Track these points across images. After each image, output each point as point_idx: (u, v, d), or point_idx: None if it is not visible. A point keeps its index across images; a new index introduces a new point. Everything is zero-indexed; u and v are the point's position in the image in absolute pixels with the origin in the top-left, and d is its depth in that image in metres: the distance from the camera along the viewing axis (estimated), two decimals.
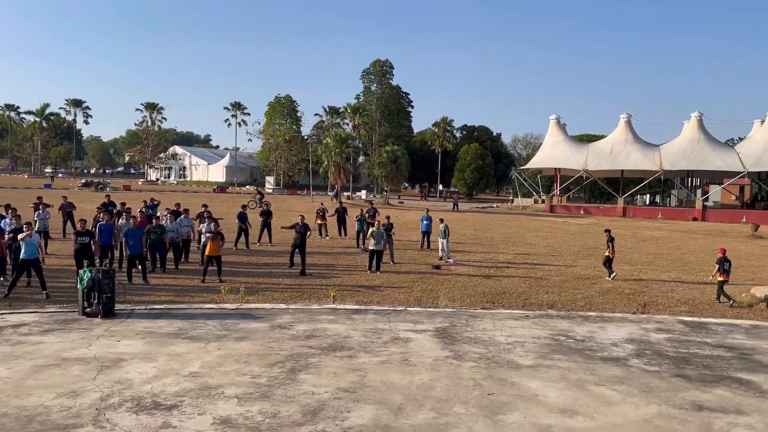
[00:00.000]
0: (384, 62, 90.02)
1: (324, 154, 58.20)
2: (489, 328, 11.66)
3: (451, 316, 12.64)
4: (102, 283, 11.00)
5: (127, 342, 9.78)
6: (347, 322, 11.69)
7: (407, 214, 44.10)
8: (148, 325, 10.83)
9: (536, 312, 13.42)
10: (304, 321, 11.61)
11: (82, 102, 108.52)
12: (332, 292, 13.00)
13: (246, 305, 12.70)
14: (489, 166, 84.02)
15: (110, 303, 11.11)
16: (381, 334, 10.87)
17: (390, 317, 12.26)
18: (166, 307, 12.30)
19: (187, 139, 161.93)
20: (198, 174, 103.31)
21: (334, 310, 12.69)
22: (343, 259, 20.67)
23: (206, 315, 11.83)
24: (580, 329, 11.89)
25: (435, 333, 11.11)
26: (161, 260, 16.82)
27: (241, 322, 11.29)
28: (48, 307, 12.05)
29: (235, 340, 10.13)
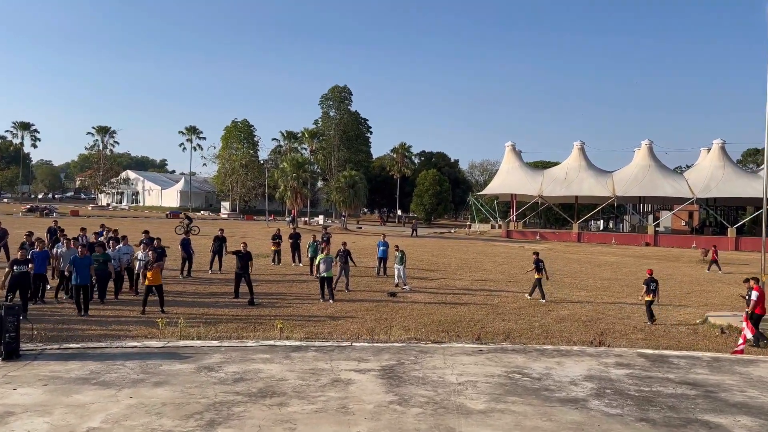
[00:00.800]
0: (342, 88, 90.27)
1: (280, 178, 57.40)
2: (440, 365, 10.63)
3: (400, 351, 11.52)
4: (5, 320, 9.58)
5: (24, 390, 8.33)
6: (284, 361, 10.44)
7: (365, 239, 43.59)
8: (56, 369, 9.41)
9: (490, 346, 12.41)
10: (236, 361, 10.33)
11: (30, 125, 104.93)
12: (279, 324, 12.27)
13: (174, 343, 11.40)
14: (447, 192, 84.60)
15: (14, 343, 9.71)
16: (320, 375, 9.69)
17: (333, 355, 11.06)
18: (83, 347, 10.86)
19: (142, 164, 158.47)
20: (151, 199, 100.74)
21: (272, 347, 11.41)
22: (295, 287, 19.95)
23: (126, 355, 10.41)
24: (536, 365, 10.97)
25: (380, 373, 9.97)
26: (100, 290, 15.79)
27: (164, 363, 9.99)
28: None
29: (151, 386, 8.77)
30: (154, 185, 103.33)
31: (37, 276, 14.88)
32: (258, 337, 12.03)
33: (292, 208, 58.83)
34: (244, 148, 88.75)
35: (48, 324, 12.82)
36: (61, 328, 12.58)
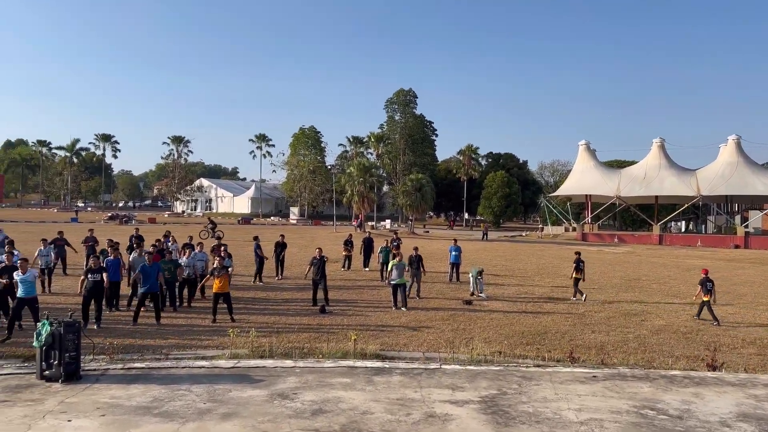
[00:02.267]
0: (407, 91, 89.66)
1: (348, 183, 57.32)
2: (550, 396, 8.99)
3: (499, 377, 9.96)
4: (64, 339, 8.77)
5: (80, 423, 7.33)
6: (367, 387, 9.17)
7: (433, 243, 42.63)
8: (117, 395, 8.46)
9: (605, 371, 10.62)
10: (313, 386, 9.14)
11: (111, 137, 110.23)
12: (353, 336, 11.56)
13: (245, 362, 10.40)
14: (516, 194, 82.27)
15: (74, 364, 8.91)
16: (411, 407, 8.29)
17: (421, 380, 9.66)
18: (148, 366, 9.96)
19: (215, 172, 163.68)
20: (224, 206, 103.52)
21: (352, 369, 10.18)
22: (366, 294, 19.30)
23: (193, 378, 9.37)
24: (669, 398, 9.08)
25: (481, 406, 8.46)
26: (171, 298, 15.67)
27: (234, 387, 8.93)
28: (6, 366, 9.92)
29: (219, 419, 7.63)
30: (227, 192, 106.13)
31: (111, 284, 14.88)
32: (331, 349, 11.35)
33: (359, 213, 58.65)
34: (311, 154, 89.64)
35: (120, 334, 12.68)
36: (134, 336, 12.40)
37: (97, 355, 10.26)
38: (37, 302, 12.06)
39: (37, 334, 8.82)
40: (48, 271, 17.59)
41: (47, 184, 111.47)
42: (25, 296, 11.81)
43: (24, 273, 11.84)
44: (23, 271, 11.86)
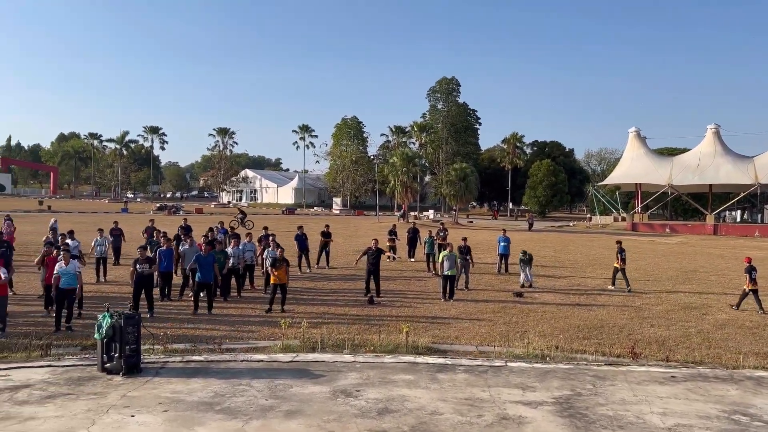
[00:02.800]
0: (450, 80, 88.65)
1: (391, 173, 57.05)
2: (629, 398, 8.40)
3: (570, 376, 9.46)
4: (125, 331, 8.73)
5: (143, 419, 7.20)
6: (432, 385, 8.76)
7: (478, 234, 42.07)
8: (178, 389, 8.32)
9: (683, 371, 9.97)
10: (375, 383, 8.81)
11: (158, 129, 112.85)
12: (405, 328, 11.35)
13: (303, 356, 10.20)
14: (563, 183, 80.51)
15: (135, 357, 8.90)
16: (481, 408, 7.85)
17: (488, 378, 9.22)
18: (206, 359, 9.85)
19: (258, 163, 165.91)
20: (268, 196, 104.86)
21: (413, 365, 9.81)
22: (413, 285, 19.09)
23: (252, 372, 9.22)
24: (760, 402, 8.39)
25: (556, 407, 7.97)
26: (222, 288, 15.79)
27: (294, 383, 8.70)
28: (66, 358, 9.83)
29: (283, 417, 7.39)
30: (271, 183, 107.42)
31: (163, 274, 15.09)
32: (383, 341, 11.17)
33: (402, 203, 58.40)
34: (353, 145, 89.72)
35: (174, 323, 12.82)
36: (187, 326, 12.52)
37: (152, 345, 10.31)
38: (74, 294, 12.24)
39: (98, 326, 8.83)
40: (103, 261, 17.98)
41: (98, 175, 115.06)
42: (64, 287, 11.99)
43: (66, 265, 12.04)
44: (65, 263, 12.06)
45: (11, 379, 8.55)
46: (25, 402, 7.68)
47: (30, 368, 9.06)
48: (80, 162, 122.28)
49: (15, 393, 7.98)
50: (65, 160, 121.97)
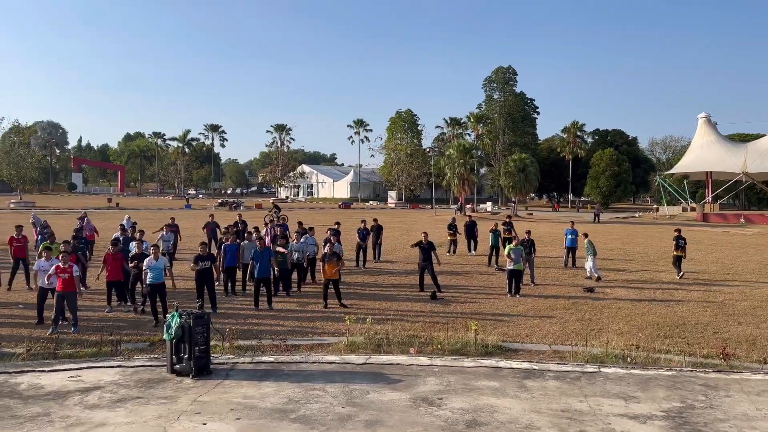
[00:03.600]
0: (507, 69, 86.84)
1: (447, 165, 56.26)
2: (752, 412, 7.44)
3: (676, 384, 8.50)
4: (194, 332, 8.43)
5: (215, 426, 6.85)
6: (521, 394, 8.03)
7: (540, 226, 40.86)
8: (249, 393, 7.95)
9: None
10: (458, 390, 8.13)
11: (218, 127, 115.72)
12: (473, 326, 10.87)
13: (377, 358, 9.66)
14: (626, 173, 77.41)
15: (204, 358, 8.61)
16: (581, 421, 7.09)
17: (582, 386, 8.39)
18: (276, 360, 9.49)
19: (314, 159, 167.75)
20: (324, 191, 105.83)
21: (496, 370, 9.08)
22: (476, 280, 18.53)
23: (325, 375, 8.75)
24: None
25: (668, 422, 7.07)
26: (285, 283, 15.72)
27: (371, 388, 8.17)
28: (136, 358, 9.68)
29: (363, 428, 6.86)
30: (327, 178, 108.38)
31: (227, 269, 15.12)
32: (450, 339, 10.73)
33: (459, 196, 57.55)
34: (408, 138, 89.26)
35: (238, 319, 12.79)
36: (251, 322, 12.45)
37: (219, 341, 10.23)
38: (165, 288, 12.36)
39: (166, 327, 8.66)
40: (168, 256, 18.27)
41: (162, 173, 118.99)
42: (154, 282, 12.12)
43: (156, 260, 12.20)
44: (155, 258, 12.22)
45: (82, 380, 8.48)
46: (95, 406, 7.52)
47: (100, 368, 8.99)
48: (145, 160, 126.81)
49: (85, 396, 7.87)
50: (131, 159, 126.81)
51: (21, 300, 14.05)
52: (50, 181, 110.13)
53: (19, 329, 11.52)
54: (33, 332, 11.32)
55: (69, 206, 56.61)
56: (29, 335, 11.08)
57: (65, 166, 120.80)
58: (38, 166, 73.85)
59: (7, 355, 9.48)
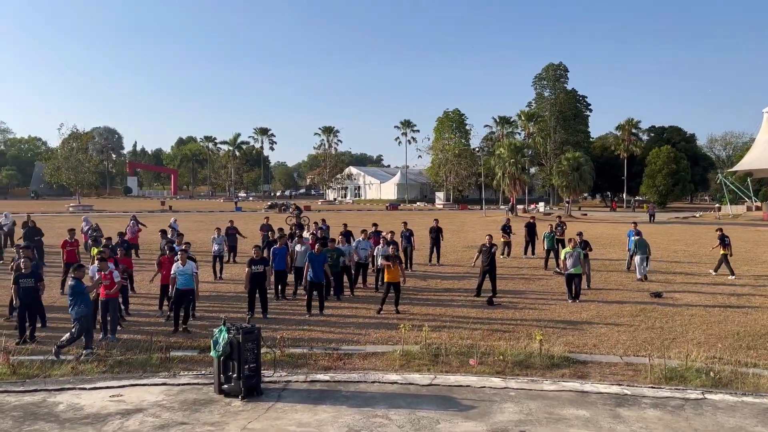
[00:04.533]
0: (557, 66, 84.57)
1: (497, 165, 55.07)
2: None
3: None
4: (243, 348, 7.74)
5: None
6: (617, 426, 7.04)
7: (596, 227, 39.39)
8: (305, 420, 7.23)
9: None
10: (542, 420, 7.22)
11: (267, 130, 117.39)
12: (538, 335, 10.16)
13: (443, 378, 8.77)
14: (685, 171, 74.13)
15: (254, 377, 7.92)
16: None
17: (689, 417, 7.36)
18: (332, 380, 8.74)
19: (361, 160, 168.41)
20: (371, 192, 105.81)
21: (582, 395, 8.10)
22: (534, 284, 17.71)
23: (388, 398, 7.97)
24: None
25: None
26: (336, 287, 15.34)
27: (440, 416, 7.31)
28: (182, 374, 9.02)
29: None
30: (374, 179, 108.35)
31: (277, 273, 14.83)
32: (512, 349, 10.06)
33: (510, 196, 56.29)
34: (456, 138, 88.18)
35: (289, 325, 12.45)
36: (302, 328, 12.09)
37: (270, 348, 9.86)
38: (193, 294, 12.06)
39: (214, 343, 8.02)
40: (219, 259, 18.19)
41: (214, 176, 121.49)
42: (181, 287, 11.83)
43: (183, 265, 11.89)
44: (182, 263, 11.91)
45: (123, 400, 7.96)
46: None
47: (144, 386, 8.48)
48: (197, 164, 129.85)
49: (126, 420, 7.27)
50: (184, 163, 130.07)
51: None
52: (107, 185, 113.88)
53: None
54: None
55: (124, 209, 58.20)
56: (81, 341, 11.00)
57: (121, 171, 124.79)
58: (95, 171, 76.11)
59: (57, 363, 9.35)
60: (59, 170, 66.91)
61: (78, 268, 10.52)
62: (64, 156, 67.17)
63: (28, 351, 10.18)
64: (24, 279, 10.83)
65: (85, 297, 10.09)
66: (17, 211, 35.30)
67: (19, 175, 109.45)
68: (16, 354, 9.81)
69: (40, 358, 9.63)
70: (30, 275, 10.91)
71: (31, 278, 10.89)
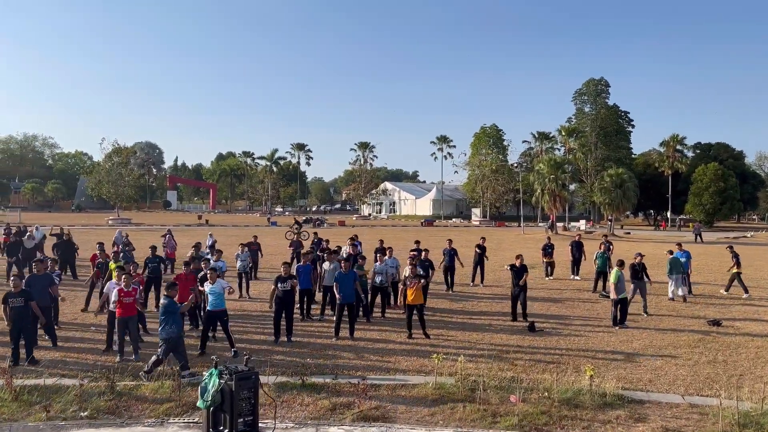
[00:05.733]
0: (598, 81, 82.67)
1: (537, 181, 53.56)
2: None
3: None
4: (236, 397, 6.55)
5: None
6: None
7: (640, 247, 37.54)
8: None
9: None
10: None
11: (304, 145, 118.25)
12: (588, 371, 9.04)
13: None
14: (733, 189, 71.15)
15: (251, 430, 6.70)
16: None
17: None
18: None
19: (396, 176, 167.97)
20: (406, 208, 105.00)
21: None
22: (578, 308, 16.52)
23: None
24: None
25: None
26: (365, 307, 14.49)
27: None
28: (169, 423, 7.69)
29: None
30: (409, 195, 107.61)
31: (302, 291, 14.09)
32: (558, 384, 9.00)
33: (549, 213, 54.67)
34: (493, 153, 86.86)
35: (313, 349, 11.65)
36: (326, 354, 11.26)
37: (289, 377, 9.04)
38: (226, 315, 11.35)
39: (202, 390, 6.73)
40: (245, 275, 17.59)
41: (251, 191, 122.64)
42: (213, 309, 11.10)
43: (213, 283, 11.21)
44: (212, 282, 11.22)
45: None
46: None
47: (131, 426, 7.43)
48: (235, 179, 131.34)
49: None
50: (222, 178, 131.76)
51: (96, 321, 13.58)
52: (147, 198, 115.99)
53: (86, 355, 10.91)
54: (99, 359, 10.67)
55: (162, 223, 58.70)
56: (94, 362, 10.42)
57: (161, 185, 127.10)
58: (135, 185, 77.38)
59: (61, 390, 8.68)
60: (100, 184, 68.17)
61: (171, 286, 9.97)
62: (105, 170, 68.46)
63: (35, 374, 9.58)
64: (13, 298, 10.24)
65: (176, 317, 9.54)
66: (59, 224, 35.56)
67: (65, 189, 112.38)
68: (21, 376, 9.24)
69: (49, 382, 9.03)
70: (20, 294, 10.32)
71: (20, 297, 10.29)
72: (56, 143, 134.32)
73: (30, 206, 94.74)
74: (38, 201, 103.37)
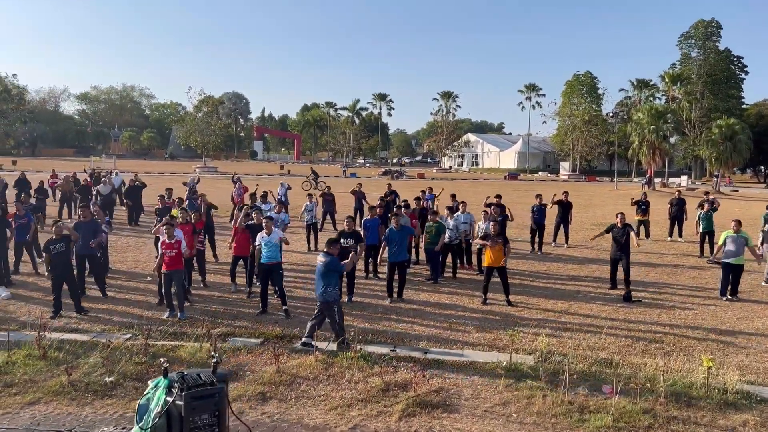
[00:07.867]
0: (709, 22, 74.72)
1: (634, 132, 49.26)
2: None
3: None
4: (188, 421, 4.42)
5: None
6: None
7: (751, 207, 33.64)
8: None
9: None
10: None
11: (386, 96, 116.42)
12: (706, 362, 7.12)
13: None
14: None
15: None
16: None
17: None
18: None
19: (480, 128, 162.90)
20: (490, 161, 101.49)
21: None
22: (682, 274, 14.40)
23: None
24: None
25: None
26: (433, 268, 13.12)
27: None
28: None
29: None
30: (493, 147, 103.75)
31: (368, 247, 12.88)
32: (663, 372, 7.31)
33: (647, 168, 50.46)
34: (586, 103, 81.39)
35: (374, 312, 10.51)
36: (389, 317, 10.07)
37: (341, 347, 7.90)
38: (281, 269, 10.36)
39: (138, 409, 4.67)
40: (313, 227, 16.68)
41: (333, 142, 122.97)
42: (267, 262, 10.06)
43: (268, 234, 10.17)
44: (267, 232, 10.18)
45: None
46: None
47: None
48: (318, 130, 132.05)
49: None
50: (306, 129, 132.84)
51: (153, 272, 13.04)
52: (235, 148, 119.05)
53: (134, 309, 10.30)
54: (146, 313, 10.02)
55: (247, 172, 59.47)
56: (140, 316, 9.78)
57: (249, 135, 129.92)
58: (222, 134, 78.82)
59: (93, 348, 7.96)
60: (189, 133, 69.93)
61: (332, 243, 8.71)
62: (193, 119, 70.07)
63: (72, 328, 9.01)
64: (54, 245, 9.74)
65: (336, 278, 8.54)
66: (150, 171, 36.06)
67: (159, 138, 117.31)
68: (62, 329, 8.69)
69: (84, 339, 8.41)
70: (60, 240, 9.81)
71: (61, 243, 9.79)
72: (152, 93, 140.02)
73: (127, 154, 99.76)
74: (135, 149, 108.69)
